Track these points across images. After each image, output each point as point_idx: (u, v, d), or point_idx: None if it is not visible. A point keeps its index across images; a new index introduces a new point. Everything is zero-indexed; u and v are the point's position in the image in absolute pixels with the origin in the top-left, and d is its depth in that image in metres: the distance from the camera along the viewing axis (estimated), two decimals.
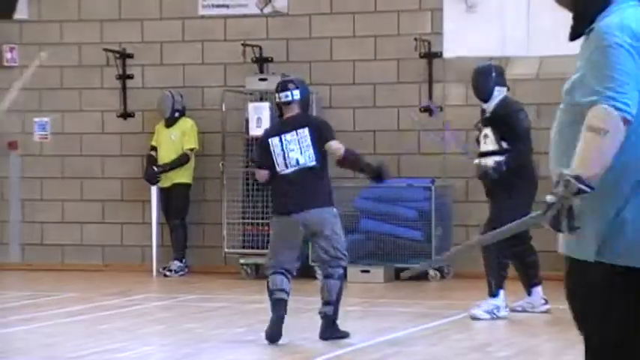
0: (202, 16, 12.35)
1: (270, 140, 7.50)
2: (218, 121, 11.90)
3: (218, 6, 12.30)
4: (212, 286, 10.98)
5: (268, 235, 11.73)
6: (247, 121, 11.59)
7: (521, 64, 11.62)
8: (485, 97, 8.70)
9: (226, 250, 11.76)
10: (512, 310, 8.65)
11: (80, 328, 5.07)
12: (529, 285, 8.71)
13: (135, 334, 7.34)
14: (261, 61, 12.01)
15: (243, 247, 11.65)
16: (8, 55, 12.79)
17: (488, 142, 8.59)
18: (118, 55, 12.36)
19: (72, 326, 7.33)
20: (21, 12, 12.76)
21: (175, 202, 11.91)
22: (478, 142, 8.76)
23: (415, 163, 11.69)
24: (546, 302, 8.69)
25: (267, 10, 12.18)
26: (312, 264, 11.54)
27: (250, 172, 11.61)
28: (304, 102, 7.60)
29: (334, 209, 7.51)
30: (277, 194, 7.53)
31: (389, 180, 7.91)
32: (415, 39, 11.58)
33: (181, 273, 11.90)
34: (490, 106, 8.69)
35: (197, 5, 12.34)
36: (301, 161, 7.38)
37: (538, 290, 8.71)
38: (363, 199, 11.32)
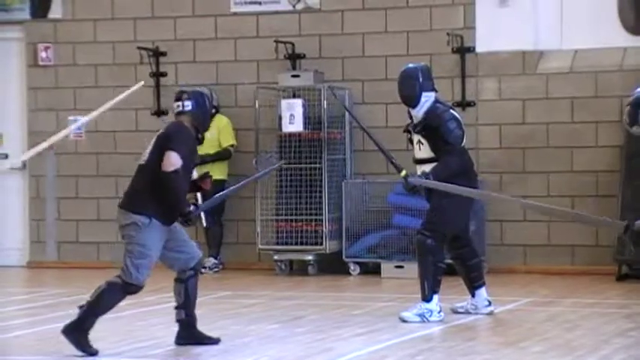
0: (235, 13, 12.38)
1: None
2: (251, 118, 11.93)
3: (250, 3, 12.32)
4: (246, 283, 11.01)
5: (302, 232, 11.83)
6: (280, 118, 11.61)
7: (555, 58, 11.56)
8: (412, 104, 8.28)
9: (260, 246, 11.78)
10: (455, 312, 8.46)
11: (117, 325, 5.11)
12: (472, 287, 8.45)
13: (171, 330, 7.38)
14: (294, 58, 12.02)
15: (277, 244, 11.68)
16: (43, 55, 12.89)
17: (423, 150, 8.28)
18: (151, 53, 12.42)
19: (109, 323, 7.37)
20: (55, 11, 12.85)
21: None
22: (411, 142, 8.39)
23: None
24: (490, 304, 8.44)
25: (299, 6, 12.19)
26: (347, 260, 11.56)
27: (284, 168, 11.64)
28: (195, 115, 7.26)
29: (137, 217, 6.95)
30: None
31: None
32: (448, 34, 11.54)
33: (216, 270, 11.95)
34: (419, 114, 8.27)
35: (229, 2, 12.37)
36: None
37: (482, 292, 8.44)
38: (396, 194, 11.30)
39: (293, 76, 11.81)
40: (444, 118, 8.23)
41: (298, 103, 11.52)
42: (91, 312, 6.86)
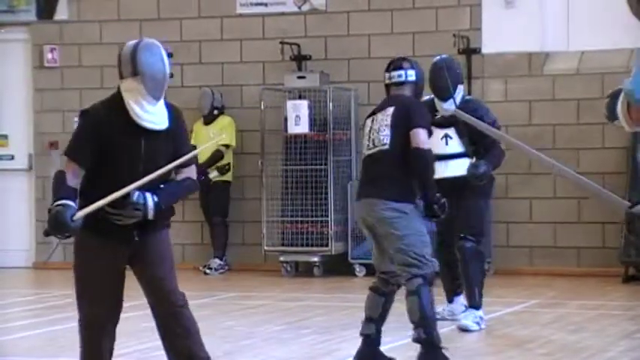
0: (240, 15, 12.38)
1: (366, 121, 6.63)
2: (257, 120, 11.93)
3: (256, 4, 12.33)
4: (252, 284, 11.01)
5: (307, 233, 11.82)
6: (286, 119, 11.61)
7: (561, 59, 11.55)
8: (445, 96, 7.75)
9: (266, 247, 11.78)
10: None
11: (122, 327, 5.10)
12: (454, 293, 8.21)
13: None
14: (300, 59, 12.02)
15: (283, 245, 11.67)
16: (49, 56, 12.90)
17: (451, 145, 7.88)
18: None
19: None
20: (61, 12, 12.87)
21: (215, 201, 11.95)
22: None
23: None
24: (466, 309, 8.10)
25: (305, 7, 12.19)
26: (352, 261, 11.55)
27: (289, 169, 11.64)
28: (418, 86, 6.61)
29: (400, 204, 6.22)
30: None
31: (437, 218, 6.54)
32: (454, 35, 11.54)
33: (221, 271, 11.95)
34: (450, 107, 7.71)
35: (235, 4, 12.38)
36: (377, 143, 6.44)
37: (460, 298, 8.19)
38: None
39: (299, 77, 11.81)
40: (485, 108, 7.92)
41: (304, 104, 11.52)
42: (427, 327, 6.31)
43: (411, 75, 6.64)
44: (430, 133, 6.51)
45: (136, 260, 5.19)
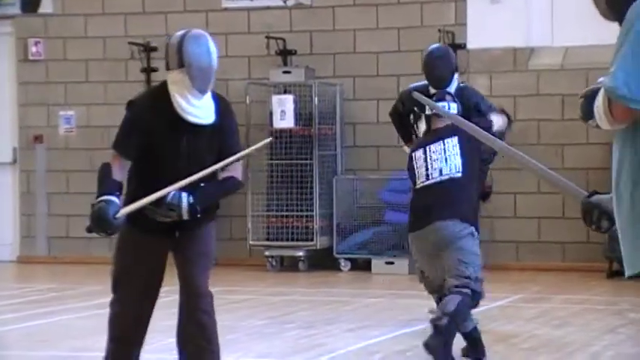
0: (225, 9, 12.35)
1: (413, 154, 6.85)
2: (242, 114, 11.88)
3: None
4: (237, 279, 10.99)
5: (292, 228, 11.81)
6: (271, 114, 11.59)
7: (546, 55, 11.56)
8: (444, 85, 7.57)
9: (251, 242, 11.76)
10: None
11: (105, 322, 5.07)
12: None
13: (159, 326, 7.35)
14: (285, 54, 12.00)
15: (268, 240, 11.66)
16: (33, 49, 12.84)
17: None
18: (142, 49, 12.38)
19: (97, 319, 7.33)
20: (45, 6, 12.80)
21: None
22: (415, 129, 7.69)
23: None
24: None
25: (291, 2, 12.16)
26: (337, 256, 11.54)
27: (275, 164, 11.62)
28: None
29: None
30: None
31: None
32: (439, 30, 11.53)
33: None
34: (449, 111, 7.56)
35: None
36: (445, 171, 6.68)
37: None
38: (388, 191, 11.29)
39: (284, 72, 11.79)
40: (480, 95, 7.81)
41: (289, 99, 11.50)
42: (453, 320, 6.35)
43: (453, 108, 6.89)
44: None
45: (176, 253, 5.13)
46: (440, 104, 6.81)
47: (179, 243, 5.09)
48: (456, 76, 7.81)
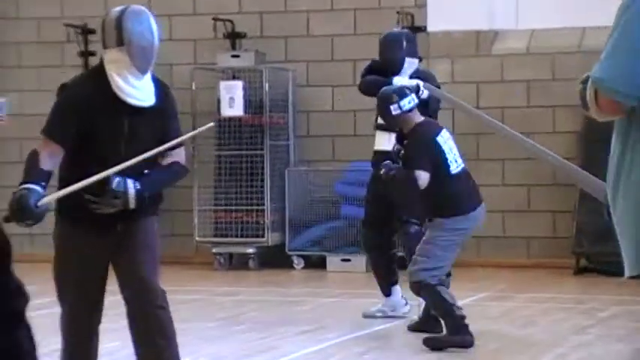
0: None
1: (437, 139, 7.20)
2: (188, 102, 11.86)
3: None
4: (183, 277, 10.96)
5: (242, 223, 11.81)
6: (219, 101, 11.57)
7: (511, 38, 11.64)
8: (395, 69, 7.94)
9: (197, 238, 11.75)
10: (372, 317, 8.12)
11: (47, 323, 5.02)
12: (390, 283, 8.12)
13: (102, 327, 7.33)
14: (234, 37, 11.98)
15: (216, 236, 11.65)
16: None
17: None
18: (79, 31, 12.30)
19: (37, 320, 7.31)
20: None
21: None
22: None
23: None
24: (407, 302, 8.17)
25: None
26: (290, 253, 11.56)
27: (223, 155, 11.60)
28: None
29: None
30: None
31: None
32: (397, 12, 11.57)
33: None
34: (402, 81, 7.86)
35: None
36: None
37: (397, 288, 8.15)
38: (344, 183, 11.33)
39: (233, 56, 11.78)
40: (436, 83, 7.99)
41: (238, 85, 11.49)
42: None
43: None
44: None
45: (116, 250, 4.99)
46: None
47: (122, 238, 5.00)
48: (409, 61, 8.00)
